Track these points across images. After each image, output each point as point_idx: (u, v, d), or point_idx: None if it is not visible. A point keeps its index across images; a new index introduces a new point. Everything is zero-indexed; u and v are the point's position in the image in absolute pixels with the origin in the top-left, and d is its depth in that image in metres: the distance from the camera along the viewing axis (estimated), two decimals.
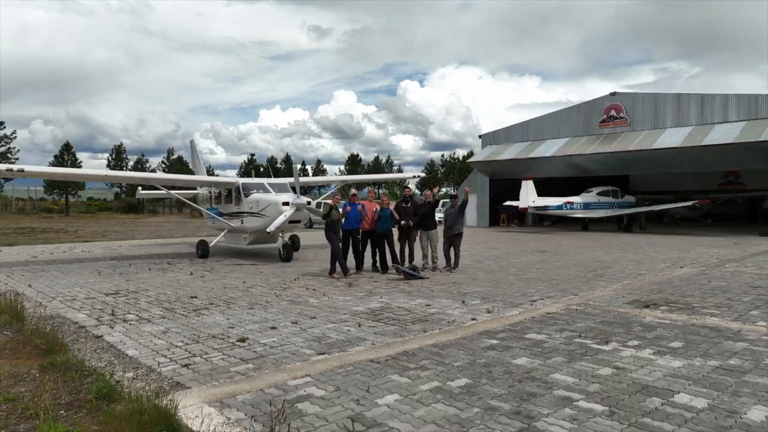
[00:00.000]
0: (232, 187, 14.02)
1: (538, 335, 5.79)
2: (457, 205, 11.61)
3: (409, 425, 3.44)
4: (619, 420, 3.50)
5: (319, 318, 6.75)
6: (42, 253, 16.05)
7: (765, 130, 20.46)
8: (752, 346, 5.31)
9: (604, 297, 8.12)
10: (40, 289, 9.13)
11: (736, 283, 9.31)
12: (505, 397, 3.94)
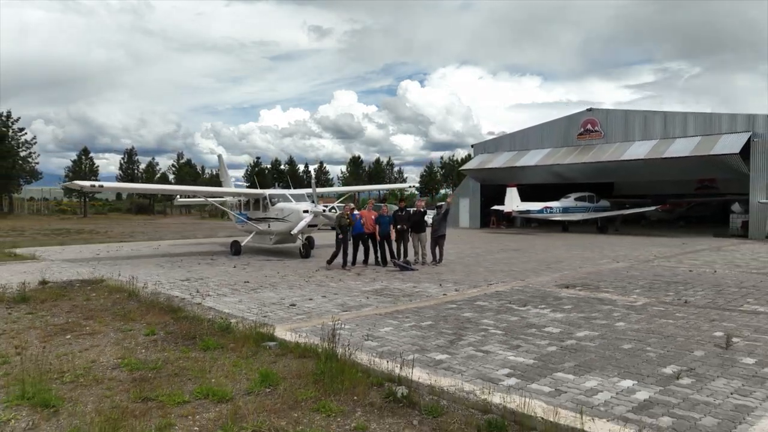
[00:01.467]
0: (260, 197, 17.27)
1: (483, 303, 9.01)
2: (441, 213, 14.83)
3: (396, 339, 6.65)
4: (507, 336, 6.71)
5: (339, 294, 9.97)
6: (100, 251, 19.25)
7: (715, 144, 23.70)
8: (614, 307, 8.53)
9: (541, 281, 11.34)
10: (130, 275, 12.33)
11: (646, 274, 12.52)
12: (450, 328, 7.15)
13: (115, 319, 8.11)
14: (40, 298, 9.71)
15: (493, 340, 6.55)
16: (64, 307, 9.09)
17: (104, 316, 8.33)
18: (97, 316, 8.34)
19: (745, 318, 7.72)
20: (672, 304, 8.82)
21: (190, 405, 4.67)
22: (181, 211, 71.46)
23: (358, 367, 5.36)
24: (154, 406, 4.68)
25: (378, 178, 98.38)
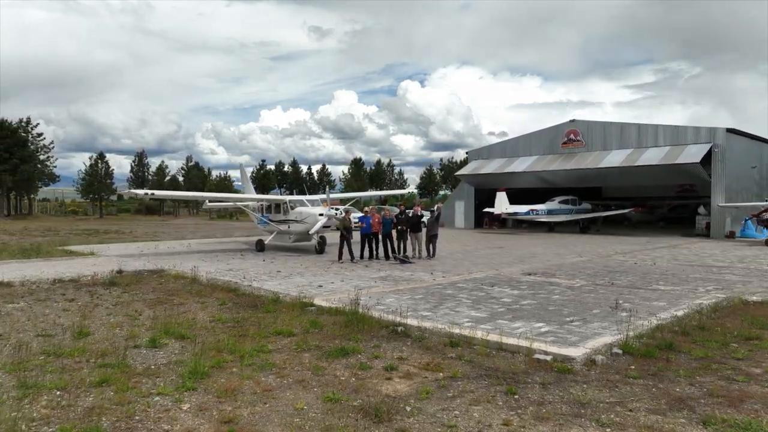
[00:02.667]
0: (281, 202, 20.40)
1: (462, 285, 12.12)
2: (434, 216, 17.96)
3: (396, 304, 9.74)
4: (473, 303, 9.82)
5: (353, 279, 13.08)
6: (142, 249, 22.34)
7: (681, 154, 26.81)
8: (557, 287, 11.62)
9: (511, 271, 14.46)
10: (183, 267, 15.42)
11: (597, 265, 15.64)
12: (435, 299, 10.27)
13: (191, 296, 11.22)
14: (124, 283, 12.82)
15: (462, 306, 9.66)
16: (146, 289, 12.20)
17: (181, 294, 11.44)
18: (176, 294, 11.45)
19: (645, 293, 10.84)
20: (602, 285, 11.94)
21: (270, 337, 7.77)
22: (189, 212, 74.76)
23: (373, 318, 8.47)
24: (248, 338, 7.78)
25: (379, 180, 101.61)
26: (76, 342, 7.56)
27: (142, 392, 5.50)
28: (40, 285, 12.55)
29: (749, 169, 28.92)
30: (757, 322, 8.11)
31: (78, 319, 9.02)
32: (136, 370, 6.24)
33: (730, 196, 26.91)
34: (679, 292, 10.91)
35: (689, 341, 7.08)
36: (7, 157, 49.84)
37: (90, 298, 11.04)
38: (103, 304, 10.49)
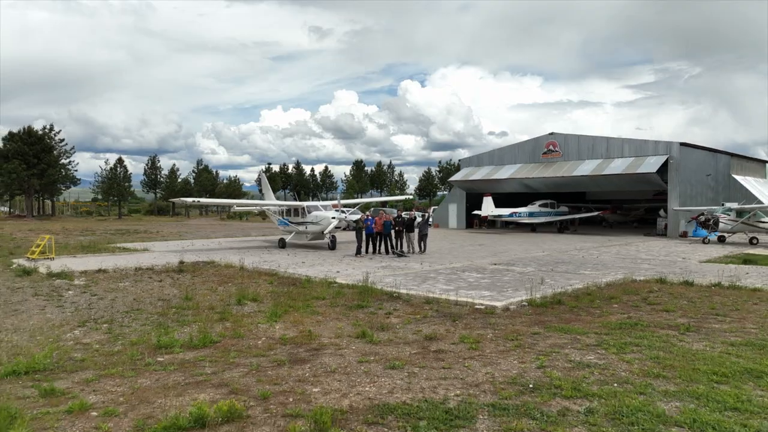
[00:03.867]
0: (300, 207, 24.87)
1: (441, 271, 16.59)
2: (424, 219, 22.44)
3: (393, 282, 14.21)
4: (446, 282, 14.30)
5: (362, 267, 17.54)
6: (184, 246, 26.77)
7: (641, 164, 31.28)
8: (512, 273, 16.11)
9: (483, 262, 18.92)
10: (244, 258, 19.85)
11: (551, 258, 20.09)
12: (420, 279, 14.75)
13: (245, 278, 15.68)
14: (189, 270, 17.28)
15: (438, 283, 14.13)
16: (208, 274, 16.66)
17: (237, 277, 15.90)
18: (233, 278, 15.91)
19: (570, 276, 15.30)
20: (545, 271, 16.40)
21: (311, 300, 12.21)
22: (200, 213, 79.28)
23: (377, 289, 12.93)
24: (298, 300, 12.23)
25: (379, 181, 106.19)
26: (188, 302, 12.04)
27: (248, 323, 9.96)
28: (127, 272, 17.01)
29: (703, 177, 33.36)
30: (627, 290, 12.59)
31: (176, 291, 13.51)
32: (238, 314, 10.72)
33: (685, 201, 31.35)
34: (595, 275, 15.37)
35: (572, 299, 11.56)
36: (35, 162, 54.34)
37: (172, 280, 15.52)
38: (183, 283, 14.96)
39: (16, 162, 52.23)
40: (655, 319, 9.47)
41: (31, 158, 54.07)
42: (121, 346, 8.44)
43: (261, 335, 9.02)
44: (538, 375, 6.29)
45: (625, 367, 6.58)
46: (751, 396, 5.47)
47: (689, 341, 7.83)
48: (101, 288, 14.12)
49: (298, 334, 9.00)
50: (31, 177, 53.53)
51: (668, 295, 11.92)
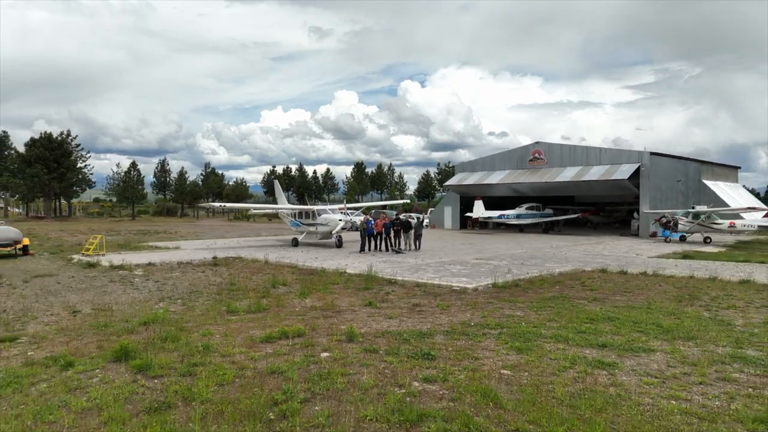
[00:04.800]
0: (311, 211, 28.69)
1: (432, 264, 20.42)
2: (419, 221, 26.27)
3: (392, 271, 18.05)
4: (434, 271, 18.14)
5: (365, 262, 21.36)
6: (208, 245, 30.56)
7: (615, 172, 35.10)
8: (487, 266, 19.94)
9: (468, 257, 22.74)
10: (266, 254, 23.63)
11: (525, 254, 23.91)
12: (413, 270, 18.59)
13: (272, 270, 19.49)
14: (222, 264, 21.11)
15: (428, 273, 17.95)
16: (239, 267, 20.48)
17: (265, 269, 19.71)
18: (261, 270, 19.72)
19: (535, 268, 19.10)
20: (516, 264, 20.20)
21: (328, 284, 16.04)
22: (207, 214, 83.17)
23: (379, 276, 16.76)
24: (319, 285, 16.06)
25: (380, 183, 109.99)
26: (233, 286, 15.86)
27: (285, 299, 13.77)
28: (172, 265, 20.82)
29: (674, 183, 37.21)
30: (572, 277, 16.40)
31: (220, 279, 17.35)
32: (275, 294, 14.54)
33: (656, 205, 35.15)
34: (555, 267, 19.16)
35: (527, 283, 15.37)
36: (55, 166, 58.21)
37: (211, 271, 19.33)
38: (222, 273, 18.79)
39: (38, 166, 56.09)
40: (578, 295, 13.30)
41: (51, 163, 57.94)
42: (200, 312, 12.26)
43: (297, 305, 12.83)
44: (479, 320, 10.12)
45: (535, 316, 10.40)
46: (600, 329, 9.29)
47: (589, 306, 11.65)
48: (159, 277, 17.94)
49: (323, 304, 12.80)
50: (51, 180, 57.36)
51: (601, 281, 15.75)
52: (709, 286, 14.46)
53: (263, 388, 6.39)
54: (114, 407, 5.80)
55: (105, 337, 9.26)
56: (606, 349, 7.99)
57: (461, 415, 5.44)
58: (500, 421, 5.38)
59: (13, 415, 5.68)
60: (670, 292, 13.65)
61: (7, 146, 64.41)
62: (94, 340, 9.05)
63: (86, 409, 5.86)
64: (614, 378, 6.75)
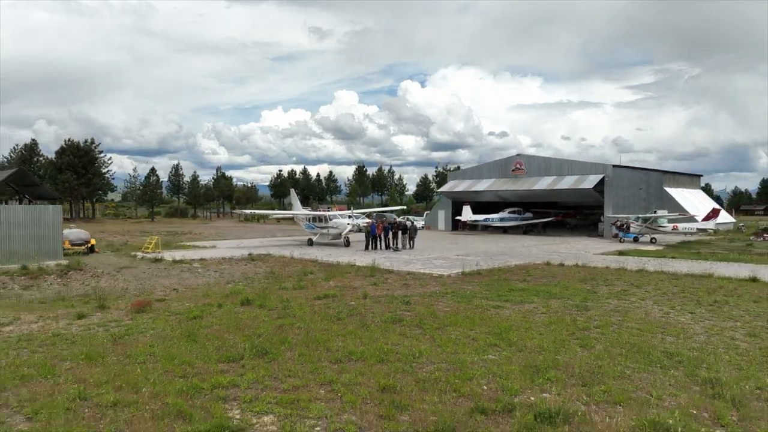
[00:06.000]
0: (324, 216, 35.05)
1: (421, 259, 26.79)
2: (413, 226, 32.63)
3: (390, 264, 24.40)
4: (422, 264, 24.51)
5: (369, 258, 27.72)
6: (237, 244, 36.87)
7: (583, 182, 41.44)
8: (465, 260, 26.31)
9: (450, 254, 29.07)
10: (290, 252, 29.91)
11: (498, 251, 30.26)
12: (405, 263, 24.97)
13: (297, 264, 25.83)
14: (257, 259, 27.45)
15: (417, 265, 24.27)
16: (271, 261, 26.82)
17: (291, 263, 26.05)
18: (289, 264, 26.06)
19: (499, 262, 25.44)
20: (485, 259, 26.52)
21: (344, 273, 22.38)
22: (217, 215, 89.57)
23: (380, 267, 23.10)
24: (336, 273, 22.39)
25: (380, 185, 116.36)
26: (273, 274, 22.22)
27: (315, 281, 20.11)
28: (219, 260, 27.13)
29: (636, 191, 43.55)
30: (522, 268, 22.74)
31: (261, 270, 23.70)
32: (306, 279, 20.90)
33: (619, 210, 41.44)
34: (515, 261, 25.42)
35: (487, 272, 21.70)
36: (83, 172, 64.61)
37: (252, 264, 25.66)
38: (260, 266, 25.12)
39: (68, 173, 62.48)
40: (516, 278, 19.63)
41: (80, 169, 64.35)
42: (260, 289, 18.57)
43: (325, 285, 19.15)
44: (443, 290, 16.48)
45: (479, 289, 16.76)
46: (513, 295, 15.62)
47: (518, 284, 17.99)
48: (214, 268, 24.26)
49: (342, 284, 19.12)
50: (80, 185, 63.75)
51: (540, 270, 22.08)
52: (612, 273, 20.80)
53: (327, 313, 12.75)
54: (262, 319, 12.14)
55: (216, 298, 15.60)
56: (506, 302, 14.36)
57: (418, 319, 11.80)
58: (437, 322, 11.70)
59: (224, 323, 12.00)
60: (580, 276, 20.01)
61: (37, 153, 70.84)
62: (213, 299, 15.40)
63: (251, 317, 12.19)
64: (500, 311, 13.11)
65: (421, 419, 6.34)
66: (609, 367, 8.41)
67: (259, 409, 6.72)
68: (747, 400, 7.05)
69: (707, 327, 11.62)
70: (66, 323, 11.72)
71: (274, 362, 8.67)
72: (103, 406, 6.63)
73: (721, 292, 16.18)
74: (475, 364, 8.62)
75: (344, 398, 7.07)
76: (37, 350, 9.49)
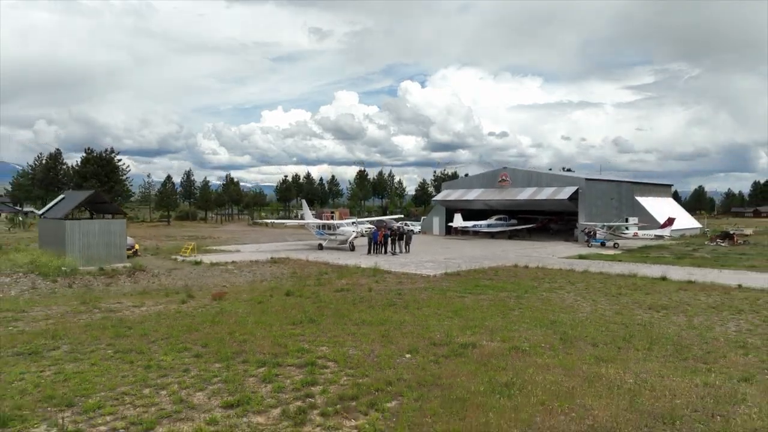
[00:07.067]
0: (332, 225, 41.46)
1: (414, 261, 33.22)
2: (409, 232, 39.08)
3: (388, 266, 30.82)
4: (415, 265, 30.95)
5: (372, 260, 34.16)
6: (257, 248, 43.28)
7: (560, 193, 47.83)
8: (450, 262, 32.75)
9: (440, 257, 35.49)
10: (304, 256, 36.30)
11: (481, 254, 36.71)
12: (401, 265, 31.42)
13: (312, 266, 32.26)
14: (279, 262, 33.89)
15: (411, 267, 30.68)
16: (292, 264, 33.25)
17: (309, 266, 32.48)
18: (306, 265, 32.48)
19: (477, 263, 31.85)
20: (467, 261, 32.91)
21: (351, 273, 28.80)
22: (227, 218, 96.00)
23: (381, 269, 29.51)
24: (346, 273, 28.80)
25: (380, 188, 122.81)
26: (296, 274, 28.64)
27: (330, 280, 26.53)
28: (247, 263, 33.55)
29: (608, 201, 49.94)
30: (493, 269, 29.15)
31: (285, 270, 30.13)
32: (323, 278, 27.33)
33: (592, 218, 47.82)
34: (490, 263, 31.78)
35: (465, 272, 28.12)
36: (106, 180, 71.07)
37: (276, 266, 32.06)
38: (283, 268, 31.53)
39: (93, 181, 68.94)
40: (484, 277, 26.00)
41: (103, 177, 70.82)
42: (290, 285, 24.95)
43: (338, 283, 25.52)
44: (426, 286, 22.89)
45: (453, 285, 23.17)
46: (478, 288, 22.03)
47: (484, 281, 24.38)
48: (247, 269, 30.66)
49: (352, 282, 25.51)
50: (103, 193, 70.14)
51: (507, 271, 28.46)
52: (560, 274, 27.17)
53: (346, 299, 19.16)
54: (303, 303, 18.54)
55: (264, 291, 21.97)
56: (469, 293, 20.78)
57: (405, 304, 18.24)
58: (418, 305, 18.06)
59: (281, 305, 18.39)
60: (535, 276, 26.42)
61: (60, 162, 77.33)
62: (262, 293, 21.76)
63: (296, 302, 18.56)
64: (462, 299, 19.53)
65: (401, 347, 12.76)
66: (510, 327, 14.82)
67: (317, 343, 13.12)
68: (575, 341, 13.45)
69: (594, 308, 18.03)
70: (177, 306, 18.14)
71: (319, 324, 15.10)
72: (240, 341, 13.07)
73: (629, 287, 22.57)
74: (435, 325, 15.04)
75: (362, 339, 13.48)
76: (176, 319, 15.87)
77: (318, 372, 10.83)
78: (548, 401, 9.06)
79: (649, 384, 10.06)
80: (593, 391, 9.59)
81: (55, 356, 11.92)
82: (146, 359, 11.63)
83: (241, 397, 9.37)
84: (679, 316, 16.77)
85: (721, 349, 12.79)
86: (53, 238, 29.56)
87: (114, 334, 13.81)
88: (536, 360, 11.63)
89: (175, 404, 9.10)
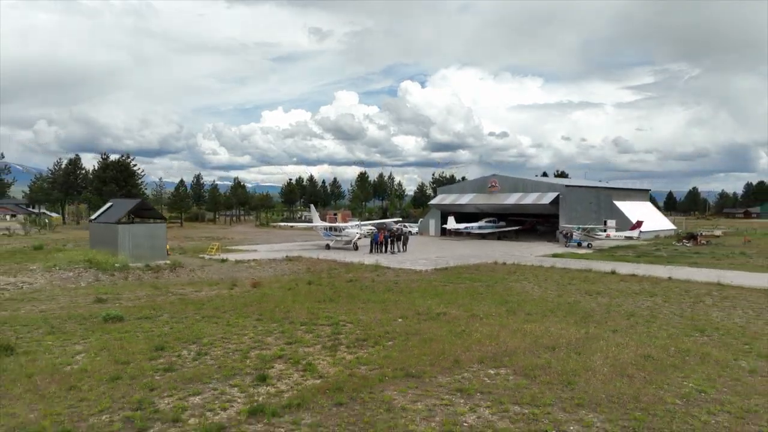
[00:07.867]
0: (338, 226, 47.54)
1: (411, 259, 39.33)
2: (406, 233, 45.19)
3: (387, 263, 36.93)
4: (411, 262, 37.07)
5: (374, 258, 40.26)
6: (271, 248, 49.38)
7: (543, 198, 53.91)
8: (441, 259, 38.84)
9: (432, 256, 41.58)
10: (314, 255, 42.35)
11: (470, 254, 42.81)
12: (398, 263, 37.53)
13: (323, 263, 38.36)
14: (293, 260, 39.99)
15: (407, 264, 36.78)
16: (305, 262, 39.37)
17: (320, 264, 38.58)
18: (317, 263, 38.58)
19: (467, 261, 37.94)
20: (456, 259, 38.97)
21: (356, 269, 34.91)
22: (236, 220, 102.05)
23: (381, 266, 35.61)
24: (353, 269, 34.90)
25: (381, 190, 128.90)
26: (310, 270, 34.76)
27: (339, 275, 32.62)
28: (266, 261, 39.65)
29: (588, 205, 56.01)
30: (476, 265, 35.25)
31: (301, 267, 36.25)
32: (334, 273, 33.44)
33: (572, 221, 53.87)
34: (475, 260, 37.81)
35: (453, 268, 34.20)
36: (124, 184, 77.23)
37: (292, 263, 38.15)
38: (298, 265, 37.61)
39: (112, 185, 75.10)
40: (467, 272, 32.08)
41: (121, 181, 77.00)
42: (308, 278, 31.03)
43: (347, 276, 31.57)
44: (418, 278, 28.98)
45: (438, 277, 29.27)
46: (459, 279, 28.12)
47: (465, 275, 30.47)
48: (268, 266, 36.74)
49: (357, 276, 31.56)
50: (122, 195, 76.26)
51: (487, 267, 34.52)
52: (530, 269, 33.23)
53: (355, 287, 25.26)
54: (323, 289, 24.64)
55: (288, 282, 28.01)
56: (450, 283, 26.87)
57: (400, 290, 24.35)
58: (409, 290, 24.14)
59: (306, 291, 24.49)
60: (509, 270, 32.50)
61: (79, 167, 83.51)
62: (288, 283, 27.83)
63: (318, 289, 24.64)
64: (444, 287, 25.63)
65: (395, 315, 18.87)
66: (474, 304, 20.90)
67: (338, 313, 19.20)
68: (517, 312, 19.52)
69: (543, 293, 24.09)
70: (227, 291, 24.22)
71: (337, 303, 21.19)
72: (284, 311, 19.18)
73: (580, 279, 28.60)
74: (420, 303, 21.11)
75: (368, 311, 19.56)
76: (232, 299, 21.92)
77: (341, 328, 16.94)
78: (482, 339, 15.17)
79: (550, 333, 16.14)
80: (512, 336, 15.70)
81: (162, 320, 18.04)
82: (225, 321, 17.72)
83: (295, 339, 15.47)
84: (604, 298, 22.87)
85: (615, 317, 18.88)
86: (105, 239, 35.62)
87: (195, 308, 19.93)
88: (484, 321, 17.75)
89: (256, 342, 15.19)
